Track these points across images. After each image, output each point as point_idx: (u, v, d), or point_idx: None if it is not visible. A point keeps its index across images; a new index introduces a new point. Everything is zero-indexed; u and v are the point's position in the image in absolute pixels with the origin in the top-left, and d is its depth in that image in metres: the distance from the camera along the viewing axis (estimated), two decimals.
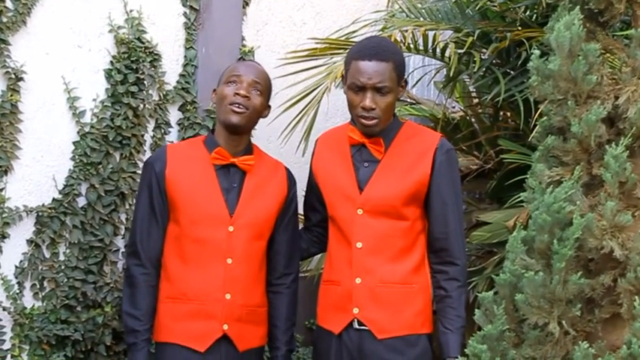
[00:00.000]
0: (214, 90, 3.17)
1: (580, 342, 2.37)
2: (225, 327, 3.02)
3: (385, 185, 2.99)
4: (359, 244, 2.99)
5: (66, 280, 3.52)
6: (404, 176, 2.99)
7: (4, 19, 3.39)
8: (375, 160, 3.03)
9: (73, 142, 3.57)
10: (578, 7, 2.54)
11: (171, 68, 3.81)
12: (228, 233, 3.04)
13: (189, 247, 3.04)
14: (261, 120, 3.20)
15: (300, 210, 3.29)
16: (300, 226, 3.29)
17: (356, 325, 2.98)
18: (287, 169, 3.21)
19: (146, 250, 3.08)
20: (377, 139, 3.02)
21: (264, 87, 3.11)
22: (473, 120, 4.33)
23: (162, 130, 3.75)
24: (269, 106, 3.18)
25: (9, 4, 3.40)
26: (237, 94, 3.04)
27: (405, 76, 3.09)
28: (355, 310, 2.98)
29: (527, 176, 2.61)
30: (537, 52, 2.57)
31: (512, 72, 3.86)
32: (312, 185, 3.17)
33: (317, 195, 3.14)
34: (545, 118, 2.62)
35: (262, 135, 3.72)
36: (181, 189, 3.06)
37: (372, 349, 2.95)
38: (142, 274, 3.07)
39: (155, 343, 3.11)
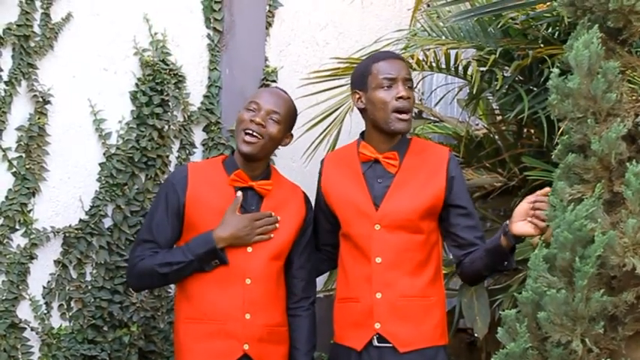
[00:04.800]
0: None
1: None
2: (246, 347, 3.04)
3: (402, 200, 3.03)
4: (378, 259, 3.01)
5: (93, 300, 3.56)
6: (420, 190, 3.04)
7: (32, 44, 3.45)
8: (389, 175, 3.06)
9: (99, 164, 3.61)
10: (597, 25, 2.54)
11: (196, 89, 3.85)
12: (247, 254, 3.07)
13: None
14: None
15: None
16: None
17: (375, 343, 3.00)
18: (304, 193, 3.23)
19: (163, 241, 3.11)
20: (392, 152, 3.06)
21: (284, 116, 3.12)
22: (496, 137, 4.33)
23: (187, 151, 3.80)
24: (290, 135, 3.20)
25: (36, 28, 3.46)
26: (252, 120, 3.08)
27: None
28: (377, 326, 2.99)
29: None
30: (557, 70, 2.57)
31: (535, 89, 3.86)
32: (322, 205, 3.18)
33: (327, 215, 3.16)
34: (565, 136, 2.62)
35: (286, 154, 3.74)
36: (202, 211, 3.09)
37: None
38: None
39: None
